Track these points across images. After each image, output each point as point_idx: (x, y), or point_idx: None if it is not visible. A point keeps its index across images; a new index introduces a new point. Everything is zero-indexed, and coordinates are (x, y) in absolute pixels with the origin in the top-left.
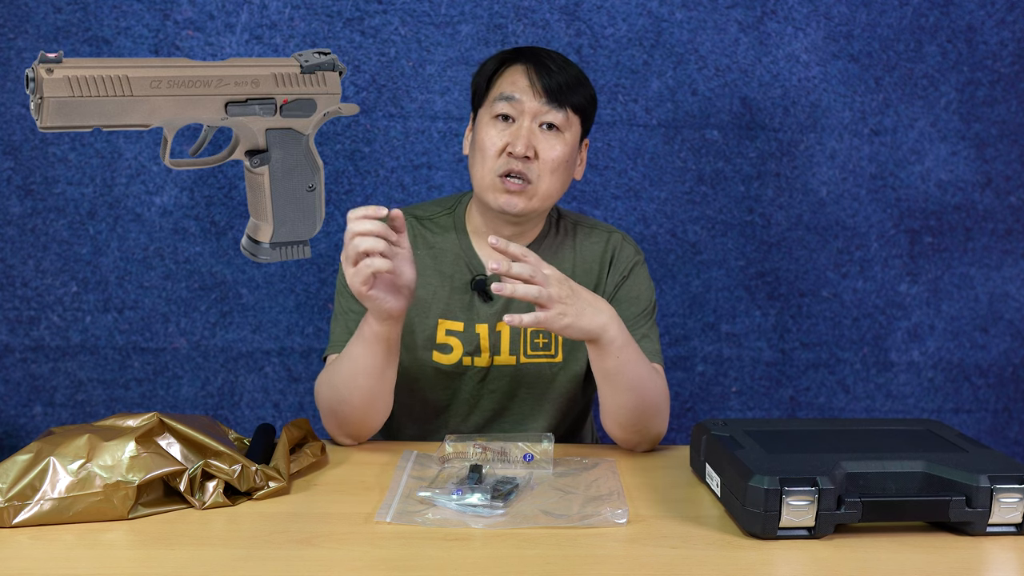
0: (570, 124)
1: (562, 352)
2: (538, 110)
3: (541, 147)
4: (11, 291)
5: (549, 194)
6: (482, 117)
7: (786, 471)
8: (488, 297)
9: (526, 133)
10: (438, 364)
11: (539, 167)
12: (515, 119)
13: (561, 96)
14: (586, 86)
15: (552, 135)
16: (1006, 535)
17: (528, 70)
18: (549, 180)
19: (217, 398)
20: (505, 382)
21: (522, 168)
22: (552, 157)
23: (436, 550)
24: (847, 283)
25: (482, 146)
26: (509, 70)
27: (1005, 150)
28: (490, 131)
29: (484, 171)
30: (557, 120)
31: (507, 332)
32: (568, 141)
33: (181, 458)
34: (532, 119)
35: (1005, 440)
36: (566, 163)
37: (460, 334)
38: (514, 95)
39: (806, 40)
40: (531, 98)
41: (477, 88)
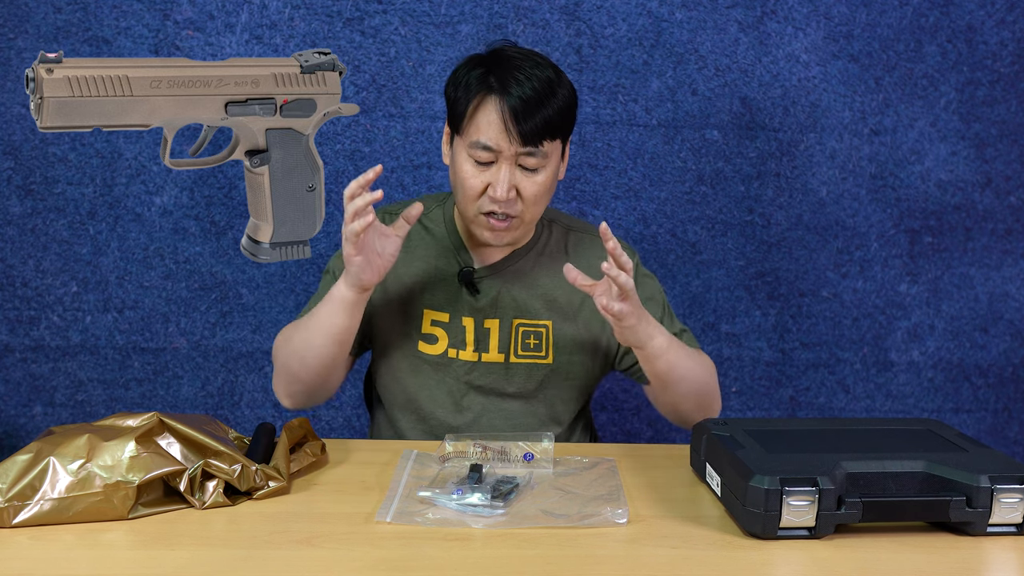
0: (549, 155)
1: (552, 355)
2: (515, 153)
3: (523, 185)
4: (11, 291)
5: (534, 219)
6: (459, 148)
7: (786, 471)
8: (475, 290)
9: (506, 178)
10: (423, 354)
11: (522, 204)
12: (494, 161)
13: (538, 136)
14: (559, 96)
15: (532, 172)
16: (1006, 535)
17: (502, 106)
18: (533, 210)
19: (217, 398)
20: (493, 379)
21: (506, 210)
22: (534, 192)
23: (436, 550)
24: (847, 283)
25: (463, 183)
26: (484, 106)
27: (1005, 150)
28: (469, 168)
29: (466, 205)
30: (534, 163)
31: (496, 329)
32: (548, 169)
33: (181, 458)
34: (511, 161)
35: (1005, 440)
36: (549, 189)
37: (445, 325)
38: (490, 145)
39: (806, 40)
40: (508, 144)
41: (453, 110)
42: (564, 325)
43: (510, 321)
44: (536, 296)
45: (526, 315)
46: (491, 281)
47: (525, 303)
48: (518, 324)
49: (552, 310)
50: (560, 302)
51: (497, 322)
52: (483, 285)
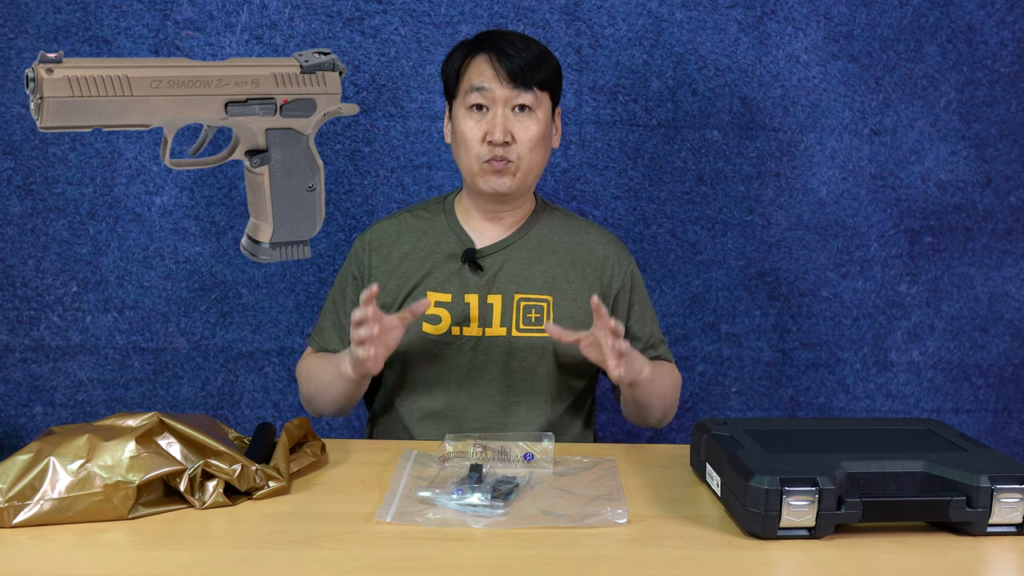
0: (540, 102)
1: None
2: (508, 95)
3: (517, 130)
4: (11, 291)
5: (531, 168)
6: (458, 109)
7: (786, 471)
8: (478, 268)
9: (501, 120)
10: (427, 335)
11: (518, 148)
12: (488, 107)
13: (526, 78)
14: (548, 61)
15: (525, 116)
16: (1006, 535)
17: (491, 58)
18: (529, 157)
19: (217, 398)
20: (497, 353)
21: (503, 152)
22: (528, 137)
23: (436, 550)
24: (847, 283)
25: (463, 137)
26: (475, 61)
27: (1005, 150)
28: (468, 122)
29: (469, 160)
30: (527, 101)
31: (499, 304)
32: (541, 119)
33: (181, 458)
34: (504, 105)
35: (1005, 440)
36: (542, 139)
37: (448, 305)
38: (483, 85)
39: (806, 40)
40: (499, 85)
41: (447, 80)
42: (564, 302)
43: (512, 296)
44: (537, 272)
45: (527, 290)
46: (493, 258)
47: (526, 278)
48: (519, 299)
49: (553, 287)
50: (560, 280)
51: (500, 297)
52: (485, 263)
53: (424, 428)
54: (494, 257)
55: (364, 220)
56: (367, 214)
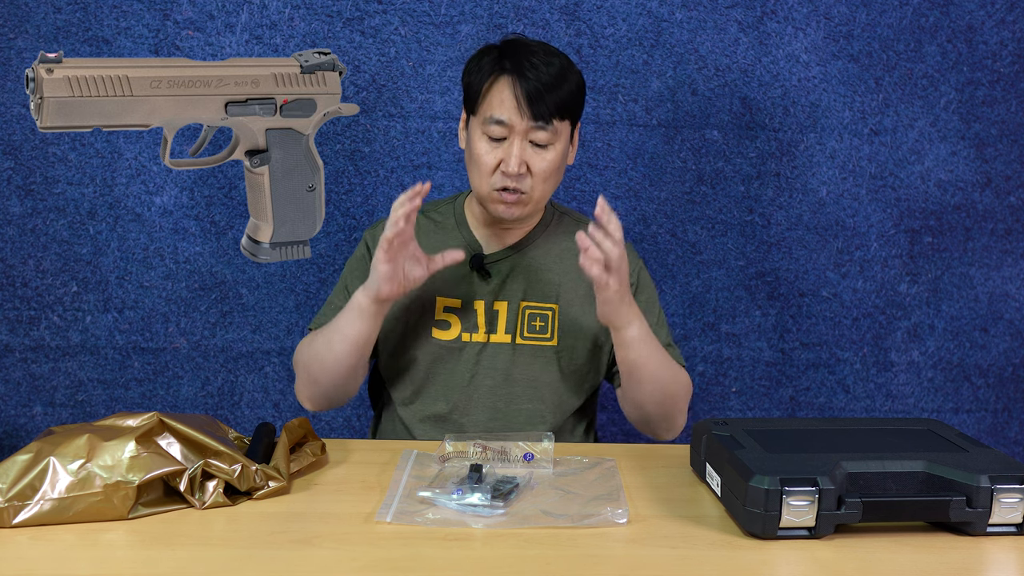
0: (559, 133)
1: (557, 337)
2: (527, 129)
3: (533, 161)
4: (11, 291)
5: (544, 196)
6: (475, 128)
7: (786, 471)
8: (487, 274)
9: (518, 152)
10: (438, 340)
11: (532, 180)
12: (506, 137)
13: (547, 114)
14: (570, 81)
15: (542, 148)
16: (1006, 535)
17: (515, 85)
18: (542, 188)
19: (217, 398)
20: (501, 359)
21: (516, 184)
22: (543, 168)
23: (436, 550)
24: (847, 283)
25: (477, 160)
26: (498, 84)
27: (1005, 150)
28: (483, 145)
29: (481, 183)
30: (545, 138)
31: (504, 311)
32: (558, 148)
33: (181, 458)
34: (523, 137)
35: (1005, 440)
36: (558, 168)
37: (458, 311)
38: (503, 119)
39: (806, 40)
40: (519, 119)
41: (468, 92)
42: (570, 310)
43: (518, 303)
44: (544, 280)
45: (533, 298)
46: (501, 265)
47: (533, 286)
48: (525, 307)
49: (559, 296)
50: (567, 288)
51: (506, 304)
52: (493, 269)
53: (425, 432)
54: (502, 264)
55: (364, 220)
56: (367, 214)
